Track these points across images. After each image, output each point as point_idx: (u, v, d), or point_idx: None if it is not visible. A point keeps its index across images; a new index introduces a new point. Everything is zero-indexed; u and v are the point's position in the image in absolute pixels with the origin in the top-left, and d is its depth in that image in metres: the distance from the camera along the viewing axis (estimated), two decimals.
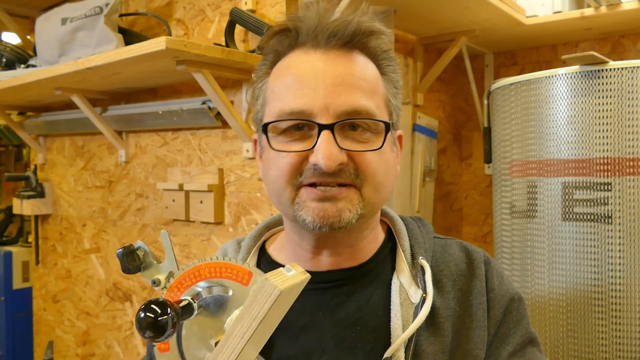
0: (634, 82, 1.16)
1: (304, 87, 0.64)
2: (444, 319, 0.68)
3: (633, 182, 1.16)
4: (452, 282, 0.72)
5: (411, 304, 0.69)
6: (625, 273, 1.16)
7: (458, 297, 0.71)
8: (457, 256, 0.75)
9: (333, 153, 0.61)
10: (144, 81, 1.57)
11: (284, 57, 0.69)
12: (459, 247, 0.77)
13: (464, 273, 0.73)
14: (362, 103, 0.64)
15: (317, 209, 0.64)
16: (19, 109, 2.12)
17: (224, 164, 1.47)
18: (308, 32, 0.66)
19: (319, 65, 0.64)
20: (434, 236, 0.78)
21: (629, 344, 1.15)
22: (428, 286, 0.69)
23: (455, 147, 2.10)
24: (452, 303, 0.70)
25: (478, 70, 2.01)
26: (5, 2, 1.96)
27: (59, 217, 2.07)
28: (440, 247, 0.76)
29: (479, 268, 0.73)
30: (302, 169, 0.64)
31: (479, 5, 1.44)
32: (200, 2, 1.50)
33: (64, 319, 2.06)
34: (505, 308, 0.72)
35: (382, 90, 0.68)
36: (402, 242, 0.74)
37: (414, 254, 0.73)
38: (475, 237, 2.09)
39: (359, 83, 0.64)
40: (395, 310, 0.68)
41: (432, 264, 0.73)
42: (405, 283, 0.70)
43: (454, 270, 0.73)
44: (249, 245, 0.78)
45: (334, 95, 0.63)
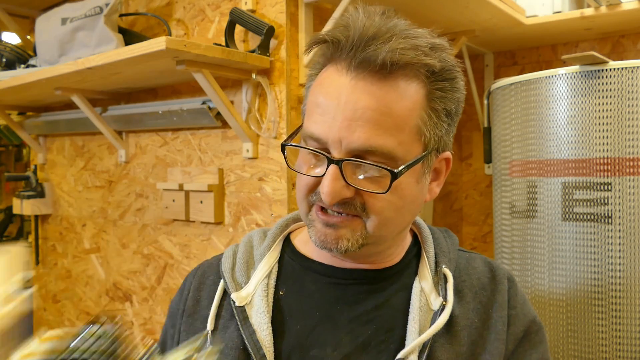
0: (634, 82, 1.16)
1: (326, 114, 0.62)
2: (462, 328, 0.68)
3: (633, 182, 1.16)
4: (474, 294, 0.72)
5: (430, 310, 0.69)
6: (625, 273, 1.16)
7: (478, 309, 0.71)
8: (481, 270, 0.75)
9: (334, 190, 0.61)
10: (144, 81, 1.57)
11: (325, 68, 0.66)
12: (483, 262, 0.77)
13: (486, 287, 0.73)
14: (378, 142, 0.60)
15: (320, 232, 0.66)
16: (19, 109, 2.12)
17: (224, 164, 1.47)
18: (344, 50, 0.62)
19: (344, 93, 0.61)
20: (458, 249, 0.79)
21: (629, 344, 1.15)
22: (449, 294, 0.69)
23: (455, 147, 2.10)
24: (471, 314, 0.70)
25: (478, 70, 2.01)
26: (5, 2, 1.96)
27: (59, 217, 2.07)
28: (464, 260, 0.77)
29: (502, 283, 0.74)
30: (316, 190, 0.66)
31: (479, 5, 1.44)
32: (200, 2, 1.50)
33: (64, 319, 2.06)
34: (526, 328, 0.72)
35: (414, 122, 0.63)
36: (427, 249, 0.75)
37: (437, 262, 0.74)
38: (475, 237, 2.09)
39: (381, 120, 0.60)
40: (414, 314, 0.68)
41: (455, 274, 0.73)
42: (426, 289, 0.71)
43: (476, 283, 0.73)
44: (275, 234, 0.79)
45: (349, 129, 0.60)
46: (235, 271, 0.76)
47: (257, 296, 0.72)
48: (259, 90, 1.37)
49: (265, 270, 0.75)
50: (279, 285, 0.74)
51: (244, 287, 0.73)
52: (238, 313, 0.71)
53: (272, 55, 1.33)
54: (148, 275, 1.70)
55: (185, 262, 1.59)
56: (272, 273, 0.75)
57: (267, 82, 1.33)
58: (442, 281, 0.71)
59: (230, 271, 0.76)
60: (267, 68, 1.32)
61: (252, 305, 0.71)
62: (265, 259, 0.76)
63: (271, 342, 0.68)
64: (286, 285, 0.74)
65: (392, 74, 0.61)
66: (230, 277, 0.75)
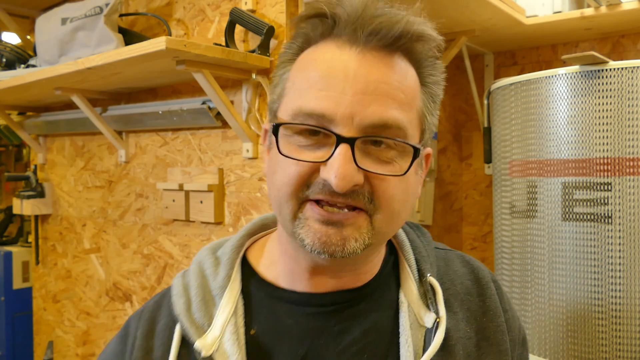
0: (634, 82, 1.16)
1: (330, 88, 0.55)
2: (456, 341, 0.63)
3: (633, 182, 1.16)
4: (460, 302, 0.66)
5: (420, 327, 0.63)
6: (625, 273, 1.16)
7: (467, 317, 0.66)
8: (461, 272, 0.70)
9: (348, 173, 0.53)
10: (144, 81, 1.57)
11: (314, 46, 0.59)
12: (461, 262, 0.71)
13: (471, 291, 0.68)
14: (395, 116, 0.55)
15: (319, 233, 0.56)
16: (19, 109, 2.12)
17: (224, 164, 1.47)
18: (347, 24, 0.56)
19: (352, 66, 0.55)
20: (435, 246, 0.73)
21: (629, 344, 1.15)
22: (441, 309, 0.63)
23: (455, 147, 2.10)
24: (461, 324, 0.65)
25: (478, 70, 2.01)
26: (5, 2, 1.96)
27: (59, 217, 2.07)
28: (442, 261, 0.70)
29: (489, 288, 0.69)
30: (311, 181, 0.56)
31: (479, 5, 1.44)
32: (200, 2, 1.50)
33: (64, 319, 2.06)
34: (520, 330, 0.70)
35: (419, 104, 0.59)
36: (407, 257, 0.68)
37: (420, 269, 0.67)
38: (475, 237, 2.09)
39: (394, 93, 0.55)
40: (406, 336, 0.62)
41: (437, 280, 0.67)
42: (413, 303, 0.64)
43: (460, 289, 0.68)
44: (231, 259, 0.66)
45: (362, 103, 0.54)
46: (193, 311, 0.62)
47: (227, 340, 0.60)
48: (259, 90, 1.37)
49: (230, 308, 0.62)
50: (248, 324, 0.63)
51: (207, 330, 0.61)
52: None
53: (272, 55, 1.33)
54: (148, 275, 1.70)
55: (186, 262, 1.59)
56: (239, 309, 0.63)
57: (267, 82, 1.33)
58: (430, 293, 0.64)
59: (186, 312, 0.62)
60: (267, 68, 1.32)
61: (221, 353, 0.60)
62: (227, 294, 0.63)
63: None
64: (257, 322, 0.63)
65: (395, 53, 0.57)
66: (188, 319, 0.62)
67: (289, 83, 0.60)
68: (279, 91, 0.62)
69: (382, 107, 0.54)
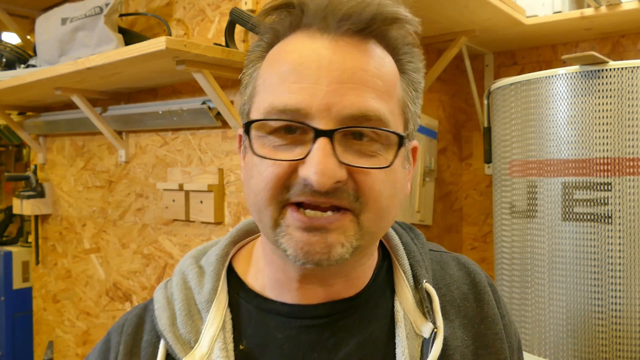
0: (634, 82, 1.16)
1: (303, 80, 0.51)
2: (453, 350, 0.60)
3: (633, 182, 1.16)
4: (457, 308, 0.63)
5: (417, 336, 0.59)
6: (625, 273, 1.16)
7: (464, 324, 0.62)
8: (457, 276, 0.66)
9: (329, 168, 0.49)
10: (144, 81, 1.57)
11: (283, 40, 0.56)
12: (457, 265, 0.68)
13: (468, 297, 0.65)
14: (374, 106, 0.51)
15: (302, 242, 0.51)
16: (19, 109, 2.12)
17: (224, 164, 1.47)
18: (316, 11, 0.53)
19: (325, 54, 0.51)
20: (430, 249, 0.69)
21: (629, 344, 1.15)
22: (438, 319, 0.59)
23: (455, 147, 2.10)
24: (458, 332, 0.61)
25: (478, 70, 2.01)
26: (5, 2, 1.96)
27: (59, 217, 2.07)
28: (438, 265, 0.67)
29: (486, 293, 0.65)
30: (290, 183, 0.52)
31: (479, 5, 1.44)
32: (200, 2, 1.50)
33: (64, 319, 2.06)
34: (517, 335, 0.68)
35: (399, 92, 0.55)
36: (402, 262, 0.64)
37: (415, 275, 0.63)
38: (475, 237, 2.09)
39: (372, 81, 0.52)
40: (402, 347, 0.58)
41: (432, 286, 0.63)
42: (409, 311, 0.61)
43: (457, 294, 0.64)
44: (216, 270, 0.62)
45: (339, 93, 0.50)
46: (178, 326, 0.59)
47: (217, 358, 0.56)
48: None
49: (217, 322, 0.58)
50: (237, 338, 0.59)
51: (194, 346, 0.57)
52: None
53: None
54: (148, 275, 1.70)
55: None
56: (227, 324, 0.59)
57: None
58: (426, 301, 0.60)
59: (170, 327, 0.59)
60: None
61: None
62: (214, 307, 0.59)
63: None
64: (246, 336, 0.59)
65: (369, 38, 0.54)
66: (173, 335, 0.58)
67: (260, 81, 0.56)
68: (249, 91, 0.58)
69: (360, 96, 0.51)
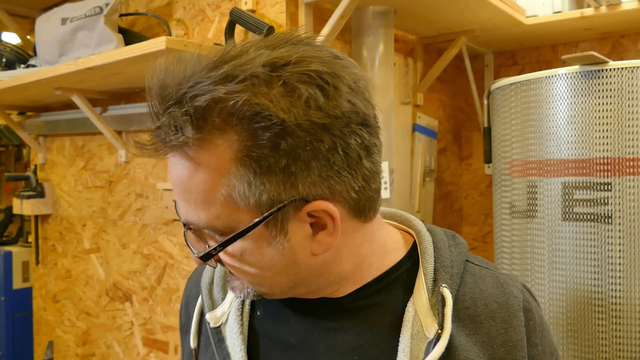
0: (634, 82, 1.16)
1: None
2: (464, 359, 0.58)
3: (633, 182, 1.16)
4: (478, 324, 0.61)
5: (424, 338, 0.59)
6: (625, 273, 1.16)
7: (483, 342, 0.60)
8: (489, 293, 0.63)
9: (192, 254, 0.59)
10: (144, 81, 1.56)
11: None
12: (494, 283, 0.65)
13: (495, 316, 0.61)
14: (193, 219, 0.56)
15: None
16: (19, 109, 2.12)
17: None
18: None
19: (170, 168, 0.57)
20: (466, 259, 0.66)
21: (629, 344, 1.15)
22: (446, 321, 0.59)
23: (455, 147, 2.10)
24: (474, 347, 0.60)
25: (478, 70, 2.01)
26: (5, 2, 1.96)
27: (59, 217, 2.07)
28: (471, 277, 0.64)
29: (515, 317, 0.62)
30: None
31: (479, 5, 1.44)
32: (200, 2, 1.50)
33: (64, 319, 2.06)
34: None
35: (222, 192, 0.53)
36: (425, 264, 0.63)
37: (436, 279, 0.62)
38: (475, 237, 2.09)
39: (186, 196, 0.56)
40: (404, 345, 0.58)
41: (458, 295, 0.62)
42: (421, 312, 0.60)
43: (483, 310, 0.62)
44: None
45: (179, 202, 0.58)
46: (214, 286, 0.71)
47: (232, 316, 0.67)
48: None
49: None
50: (255, 305, 0.68)
51: (220, 304, 0.69)
52: (213, 335, 0.67)
53: None
54: (148, 275, 1.70)
55: (185, 262, 1.59)
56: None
57: None
58: (439, 303, 0.60)
59: (208, 287, 0.71)
60: None
61: (227, 325, 0.67)
62: None
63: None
64: (262, 306, 0.68)
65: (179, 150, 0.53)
66: (208, 293, 0.70)
67: None
68: None
69: (183, 209, 0.57)
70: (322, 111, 0.51)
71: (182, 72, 0.52)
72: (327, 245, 0.57)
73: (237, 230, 0.54)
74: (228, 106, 0.50)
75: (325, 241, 0.57)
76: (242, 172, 0.52)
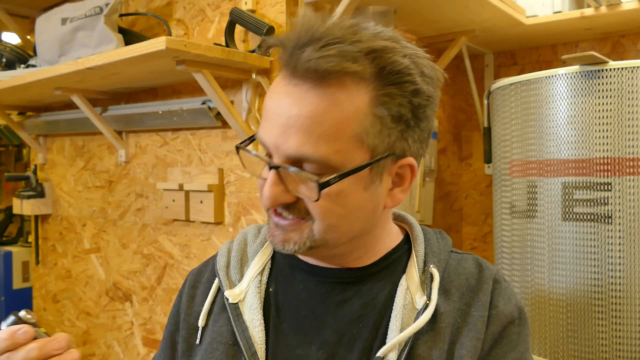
0: (634, 82, 1.16)
1: (268, 120, 0.63)
2: (446, 325, 0.68)
3: (633, 182, 1.16)
4: (461, 295, 0.71)
5: (414, 309, 0.68)
6: (625, 273, 1.16)
7: (462, 309, 0.70)
8: (470, 271, 0.74)
9: (272, 194, 0.62)
10: (144, 81, 1.57)
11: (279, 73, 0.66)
12: (474, 263, 0.76)
13: (473, 288, 0.72)
14: (309, 151, 0.60)
15: (270, 232, 0.68)
16: (19, 109, 2.12)
17: (224, 164, 1.47)
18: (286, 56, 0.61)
19: (283, 100, 0.61)
20: (452, 250, 0.78)
21: (629, 344, 1.15)
22: (433, 293, 0.68)
23: (455, 147, 2.10)
24: (456, 314, 0.70)
25: (478, 70, 2.01)
26: (5, 2, 1.96)
27: (59, 217, 2.07)
28: (455, 261, 0.76)
29: (486, 283, 0.72)
30: None
31: (479, 5, 1.44)
32: (200, 2, 1.50)
33: (64, 319, 2.06)
34: (504, 327, 0.70)
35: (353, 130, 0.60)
36: (417, 248, 0.74)
37: (426, 261, 0.73)
38: (475, 237, 2.09)
39: (312, 128, 0.59)
40: (397, 312, 0.68)
41: (444, 275, 0.72)
42: (412, 287, 0.70)
43: (464, 283, 0.72)
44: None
45: (284, 136, 0.61)
46: (230, 269, 0.77)
47: (251, 293, 0.73)
48: (259, 90, 1.37)
49: (258, 267, 0.76)
50: (269, 282, 0.76)
51: (237, 284, 0.75)
52: (231, 310, 0.72)
53: (272, 55, 1.33)
54: (148, 275, 1.70)
55: (185, 262, 1.59)
56: (265, 270, 0.76)
57: (267, 82, 1.33)
58: (428, 280, 0.70)
59: (225, 269, 0.77)
60: (267, 68, 1.32)
61: (245, 302, 0.73)
62: (259, 256, 0.78)
63: (263, 340, 0.69)
64: (276, 282, 0.76)
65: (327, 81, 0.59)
66: (225, 275, 0.76)
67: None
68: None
69: (299, 141, 0.60)
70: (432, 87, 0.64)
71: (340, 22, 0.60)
72: (398, 201, 0.69)
73: (347, 169, 0.61)
74: (384, 57, 0.60)
75: (397, 197, 0.68)
76: (377, 116, 0.61)
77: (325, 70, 0.58)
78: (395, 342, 0.65)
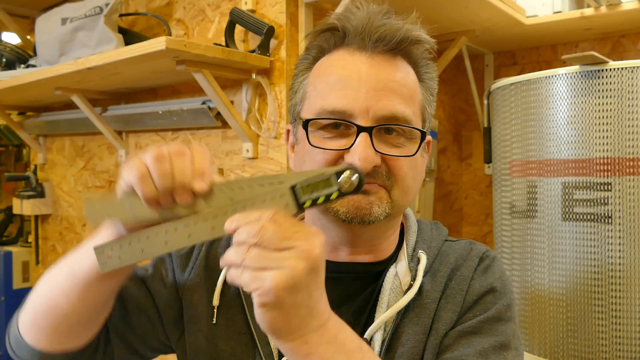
0: (634, 82, 1.16)
1: (347, 88, 0.66)
2: (431, 301, 0.71)
3: (633, 182, 1.16)
4: (448, 272, 0.74)
5: (401, 292, 0.71)
6: (625, 273, 1.16)
7: (446, 284, 0.73)
8: (460, 252, 0.77)
9: (369, 155, 0.64)
10: (144, 81, 1.57)
11: (328, 55, 0.72)
12: (466, 245, 0.78)
13: (459, 264, 0.75)
14: (401, 109, 0.67)
15: (352, 200, 0.66)
16: (19, 109, 2.12)
17: (224, 164, 1.47)
18: (356, 34, 0.68)
19: (364, 68, 0.67)
20: (447, 239, 0.80)
21: (629, 344, 1.15)
22: (418, 275, 0.71)
23: (455, 147, 2.10)
24: (440, 289, 0.73)
25: (478, 70, 2.01)
26: (5, 2, 1.96)
27: (59, 217, 2.07)
28: (449, 247, 0.78)
29: (471, 260, 0.75)
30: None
31: (479, 5, 1.44)
32: (200, 2, 1.50)
33: None
34: (480, 296, 0.72)
35: (419, 97, 0.71)
36: (409, 238, 0.77)
37: (416, 248, 0.76)
38: (475, 237, 2.09)
39: (400, 89, 0.67)
40: (384, 295, 0.71)
41: (435, 260, 0.75)
42: (400, 272, 0.73)
43: (452, 261, 0.75)
44: None
45: (375, 98, 0.66)
46: None
47: None
48: (259, 90, 1.37)
49: None
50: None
51: None
52: (246, 297, 0.72)
53: (272, 55, 1.33)
54: None
55: None
56: None
57: (267, 82, 1.33)
58: (414, 263, 0.73)
59: None
60: (267, 68, 1.32)
61: None
62: None
63: None
64: None
65: (397, 55, 0.69)
66: None
67: (310, 87, 0.72)
68: (300, 96, 0.74)
69: (391, 101, 0.66)
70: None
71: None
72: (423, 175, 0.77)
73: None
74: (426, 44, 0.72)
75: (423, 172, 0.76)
76: (422, 91, 0.72)
77: (413, 39, 0.68)
78: (378, 322, 0.68)
